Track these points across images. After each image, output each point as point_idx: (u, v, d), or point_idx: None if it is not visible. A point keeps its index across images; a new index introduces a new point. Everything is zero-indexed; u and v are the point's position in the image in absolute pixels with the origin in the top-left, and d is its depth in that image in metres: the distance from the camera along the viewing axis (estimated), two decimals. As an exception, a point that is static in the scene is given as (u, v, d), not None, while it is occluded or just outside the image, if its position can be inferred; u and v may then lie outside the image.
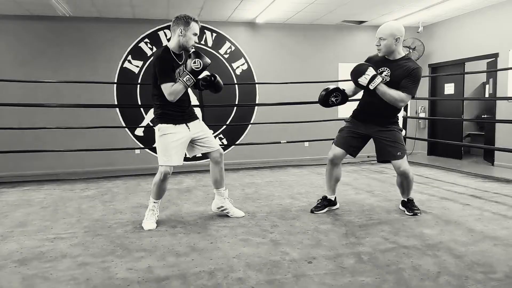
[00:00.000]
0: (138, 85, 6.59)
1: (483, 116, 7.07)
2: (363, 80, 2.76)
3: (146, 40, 6.54)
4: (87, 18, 6.30)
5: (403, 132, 5.73)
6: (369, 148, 3.20)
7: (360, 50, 7.42)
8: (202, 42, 6.77)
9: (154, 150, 6.65)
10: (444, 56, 7.22)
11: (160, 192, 2.92)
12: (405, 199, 3.15)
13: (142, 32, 6.53)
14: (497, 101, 6.12)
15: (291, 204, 3.48)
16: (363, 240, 2.51)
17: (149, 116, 6.65)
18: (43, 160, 6.07)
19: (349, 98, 3.09)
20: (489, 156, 6.40)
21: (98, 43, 6.41)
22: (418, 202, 3.45)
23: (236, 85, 6.93)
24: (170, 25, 2.88)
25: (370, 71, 2.76)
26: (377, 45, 2.89)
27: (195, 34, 2.76)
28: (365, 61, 3.01)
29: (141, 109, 6.65)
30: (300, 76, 6.97)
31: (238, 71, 6.94)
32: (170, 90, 2.67)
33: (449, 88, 7.25)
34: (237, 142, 6.95)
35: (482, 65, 6.69)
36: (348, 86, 3.09)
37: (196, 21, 2.76)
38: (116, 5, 5.70)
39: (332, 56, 7.33)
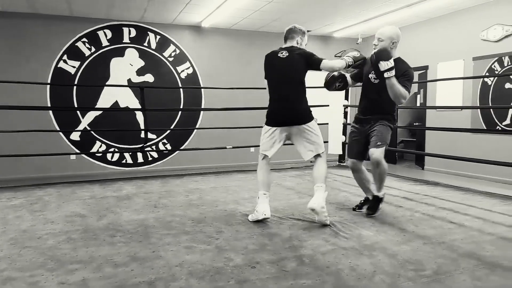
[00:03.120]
0: (75, 87, 6.24)
1: (414, 123, 7.60)
2: (384, 66, 2.85)
3: (84, 39, 6.23)
4: (18, 13, 5.87)
5: (340, 138, 5.95)
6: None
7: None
8: (145, 44, 6.58)
9: (90, 155, 6.34)
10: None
11: None
12: (376, 195, 3.19)
13: (80, 31, 6.21)
14: (427, 110, 6.61)
15: (236, 209, 3.47)
16: (305, 243, 2.57)
17: (86, 119, 6.32)
18: (-37, 167, 5.53)
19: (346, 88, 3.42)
20: (420, 161, 6.88)
21: (30, 41, 5.99)
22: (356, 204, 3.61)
23: (181, 89, 6.82)
24: (111, 24, 2.79)
25: (392, 62, 2.86)
26: (374, 44, 3.07)
27: (306, 44, 3.18)
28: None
29: (78, 112, 6.30)
30: (246, 82, 7.03)
31: (183, 75, 6.83)
32: (331, 62, 2.99)
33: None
34: (181, 147, 6.83)
35: (414, 76, 7.19)
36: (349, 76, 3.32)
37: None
38: (52, 1, 5.37)
39: (276, 63, 7.46)
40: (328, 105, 5.89)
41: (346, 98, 6.19)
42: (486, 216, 3.19)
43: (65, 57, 6.16)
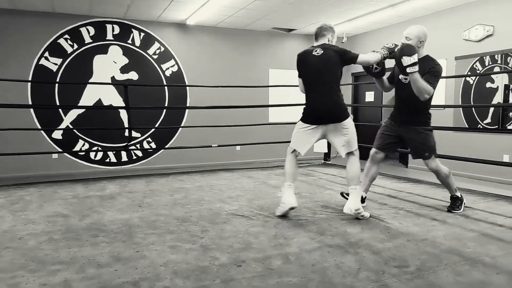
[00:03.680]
0: (57, 84, 6.12)
1: (398, 122, 7.69)
2: (407, 60, 2.89)
3: (66, 36, 6.11)
4: (-4, 9, 5.72)
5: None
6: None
7: (290, 57, 7.68)
8: (129, 41, 6.49)
9: (73, 154, 6.22)
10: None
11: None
12: (453, 195, 3.35)
13: (62, 28, 6.08)
14: (410, 109, 6.70)
15: (221, 208, 3.45)
16: (291, 241, 2.57)
17: (69, 117, 6.20)
18: None
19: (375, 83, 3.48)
20: (403, 159, 6.98)
21: (11, 38, 5.84)
22: (342, 202, 3.63)
23: (166, 87, 6.76)
24: (94, 21, 2.74)
25: (415, 57, 2.90)
26: (402, 43, 3.10)
27: (335, 41, 3.25)
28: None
29: (60, 110, 6.18)
30: (231, 80, 7.00)
31: (167, 73, 6.77)
32: (366, 56, 3.07)
33: (369, 96, 7.78)
34: (166, 146, 6.77)
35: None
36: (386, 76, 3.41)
37: None
38: (32, -3, 5.24)
39: (263, 62, 7.47)
40: (313, 104, 5.90)
41: (331, 96, 6.22)
42: (467, 213, 3.26)
43: (46, 54, 6.02)
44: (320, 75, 3.07)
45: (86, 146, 6.35)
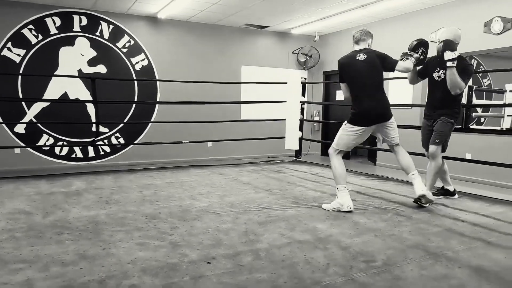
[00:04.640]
0: (20, 76, 5.85)
1: (367, 120, 7.87)
2: (449, 55, 3.14)
3: (31, 26, 5.84)
4: (-47, -5, 5.39)
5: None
6: (269, 148, 3.29)
7: (262, 54, 7.69)
8: (97, 33, 6.29)
9: (37, 149, 5.98)
10: (336, 65, 7.84)
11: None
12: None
13: (26, 18, 5.81)
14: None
15: (191, 204, 3.42)
16: (261, 237, 2.58)
17: (33, 111, 5.95)
18: None
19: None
20: (372, 157, 7.15)
21: (-32, 25, 5.52)
22: (312, 199, 3.68)
23: (135, 81, 6.61)
24: (60, 11, 2.63)
25: (456, 54, 3.16)
26: (445, 39, 3.27)
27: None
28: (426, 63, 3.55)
29: (23, 103, 5.91)
30: (203, 75, 6.93)
31: (137, 67, 6.62)
32: (403, 64, 3.18)
33: (340, 94, 7.90)
34: (135, 142, 6.62)
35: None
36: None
37: None
38: (-8, -17, 4.97)
39: (235, 58, 7.43)
40: (285, 101, 5.95)
41: (303, 94, 6.28)
42: (432, 209, 3.38)
43: (9, 44, 5.74)
44: (368, 79, 3.23)
45: (51, 140, 6.11)
